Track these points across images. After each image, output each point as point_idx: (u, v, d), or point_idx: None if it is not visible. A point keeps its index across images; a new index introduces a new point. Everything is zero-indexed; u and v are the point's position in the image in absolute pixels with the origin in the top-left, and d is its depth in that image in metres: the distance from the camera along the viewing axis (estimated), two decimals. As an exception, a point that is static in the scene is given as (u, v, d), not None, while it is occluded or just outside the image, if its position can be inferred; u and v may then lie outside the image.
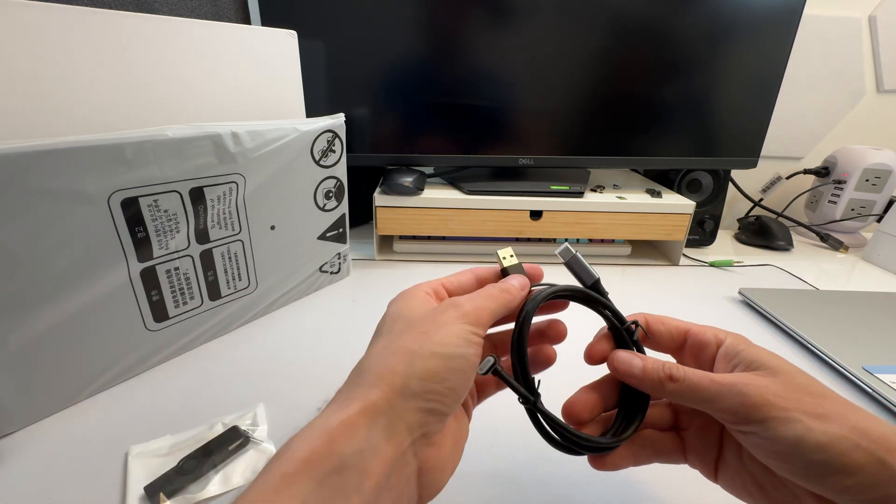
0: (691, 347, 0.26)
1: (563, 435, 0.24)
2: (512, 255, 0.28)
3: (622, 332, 0.27)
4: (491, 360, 0.23)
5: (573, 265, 0.27)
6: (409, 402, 0.20)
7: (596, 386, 0.28)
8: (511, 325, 0.26)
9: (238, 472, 0.31)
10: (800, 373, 0.22)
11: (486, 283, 0.28)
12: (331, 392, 0.28)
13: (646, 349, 0.27)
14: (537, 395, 0.24)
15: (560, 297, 0.26)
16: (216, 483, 0.31)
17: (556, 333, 0.28)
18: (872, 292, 0.60)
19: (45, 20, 0.35)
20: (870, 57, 0.85)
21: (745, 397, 0.21)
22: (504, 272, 0.27)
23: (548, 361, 0.28)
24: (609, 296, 0.27)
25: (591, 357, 0.27)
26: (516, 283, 0.26)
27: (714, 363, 0.25)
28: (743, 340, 0.25)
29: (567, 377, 0.29)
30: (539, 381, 0.25)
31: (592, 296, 0.27)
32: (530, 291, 0.26)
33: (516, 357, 0.25)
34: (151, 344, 0.42)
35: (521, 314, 0.25)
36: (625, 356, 0.25)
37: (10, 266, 0.32)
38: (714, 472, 0.26)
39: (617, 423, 0.26)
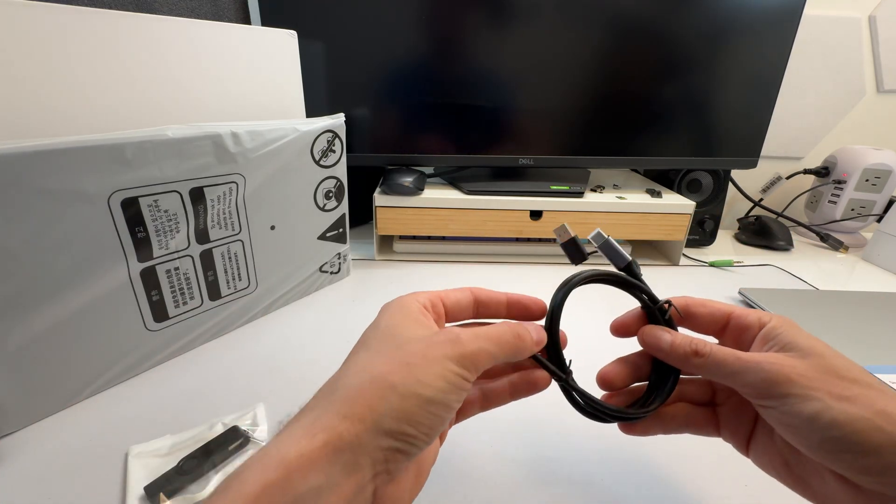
0: (733, 330, 0.27)
1: (592, 406, 0.26)
2: (567, 230, 0.30)
3: (655, 312, 0.27)
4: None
5: (605, 250, 0.28)
6: (378, 440, 0.18)
7: (630, 358, 0.28)
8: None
9: (238, 472, 0.31)
10: (836, 356, 0.22)
11: (485, 306, 0.27)
12: None
13: (688, 330, 0.28)
14: (569, 373, 0.26)
15: (594, 281, 0.27)
16: (216, 483, 0.31)
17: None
18: (872, 292, 0.60)
19: (45, 20, 0.35)
20: (870, 57, 0.85)
21: (767, 374, 0.21)
22: (567, 247, 0.29)
23: (541, 387, 0.28)
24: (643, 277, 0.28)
25: (617, 329, 0.28)
26: (535, 336, 0.25)
27: (753, 344, 0.25)
28: (787, 322, 0.25)
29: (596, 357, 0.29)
30: (570, 361, 0.27)
31: (625, 278, 0.27)
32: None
33: (549, 340, 0.26)
34: (151, 344, 0.42)
35: (554, 301, 0.26)
36: (654, 330, 0.26)
37: (10, 266, 0.32)
38: (746, 446, 0.26)
39: (645, 395, 0.27)
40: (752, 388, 0.22)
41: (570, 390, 0.26)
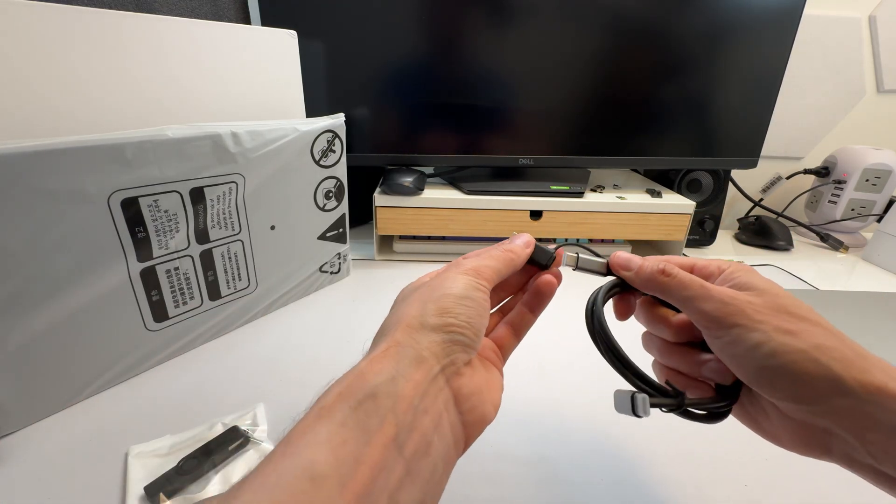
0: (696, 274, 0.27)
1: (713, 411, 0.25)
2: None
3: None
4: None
5: (584, 267, 0.28)
6: (430, 335, 0.21)
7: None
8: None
9: (238, 472, 0.31)
10: (789, 296, 0.23)
11: None
12: None
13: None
14: (681, 395, 0.24)
15: (616, 293, 0.28)
16: (216, 483, 0.31)
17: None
18: (872, 292, 0.60)
19: (45, 20, 0.35)
20: (870, 57, 0.85)
21: (723, 305, 0.23)
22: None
23: (550, 290, 0.28)
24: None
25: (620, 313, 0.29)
26: (520, 241, 0.27)
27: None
28: (744, 267, 0.26)
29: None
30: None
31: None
32: (553, 259, 0.28)
33: (628, 370, 0.24)
34: (151, 344, 0.42)
35: (594, 330, 0.26)
36: (624, 254, 0.28)
37: (10, 266, 0.32)
38: (697, 382, 0.27)
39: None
40: (706, 316, 0.23)
41: (690, 409, 0.24)
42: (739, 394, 0.25)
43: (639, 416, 0.22)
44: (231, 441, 0.33)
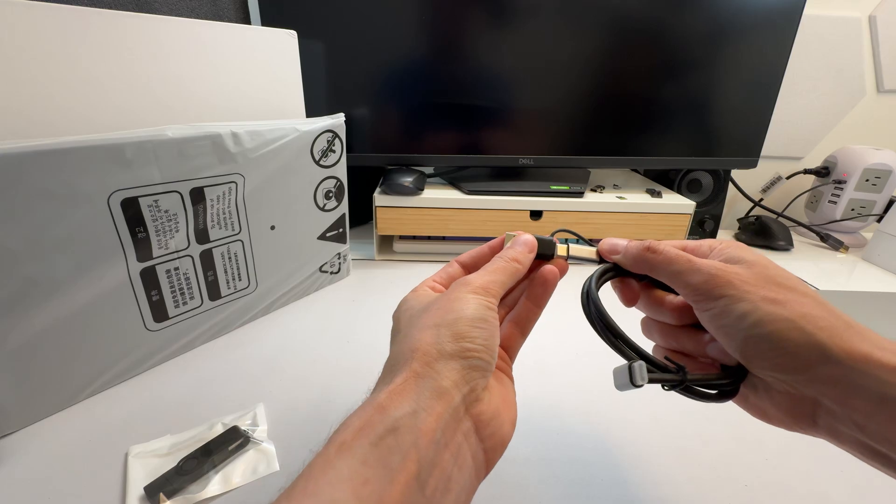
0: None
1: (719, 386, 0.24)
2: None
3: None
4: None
5: (575, 256, 0.29)
6: (449, 363, 0.20)
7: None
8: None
9: (238, 472, 0.31)
10: (775, 266, 0.23)
11: (475, 267, 0.28)
12: (331, 392, 0.28)
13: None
14: (682, 369, 0.24)
15: (609, 278, 0.28)
16: (216, 483, 0.31)
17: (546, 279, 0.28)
18: (872, 292, 0.60)
19: (45, 20, 0.35)
20: (870, 57, 0.85)
21: (711, 277, 0.23)
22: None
23: (553, 280, 0.28)
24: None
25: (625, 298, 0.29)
26: (522, 248, 0.27)
27: None
28: (734, 244, 0.25)
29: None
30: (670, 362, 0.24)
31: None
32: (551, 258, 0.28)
33: (628, 347, 0.24)
34: (151, 344, 0.42)
35: (590, 311, 0.26)
36: (612, 239, 0.28)
37: (10, 266, 0.32)
38: (687, 357, 0.27)
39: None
40: (694, 289, 0.23)
41: (693, 386, 0.24)
42: (747, 372, 0.24)
43: (638, 386, 0.22)
44: (231, 441, 0.33)
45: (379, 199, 0.65)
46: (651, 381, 0.23)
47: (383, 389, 0.20)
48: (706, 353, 0.26)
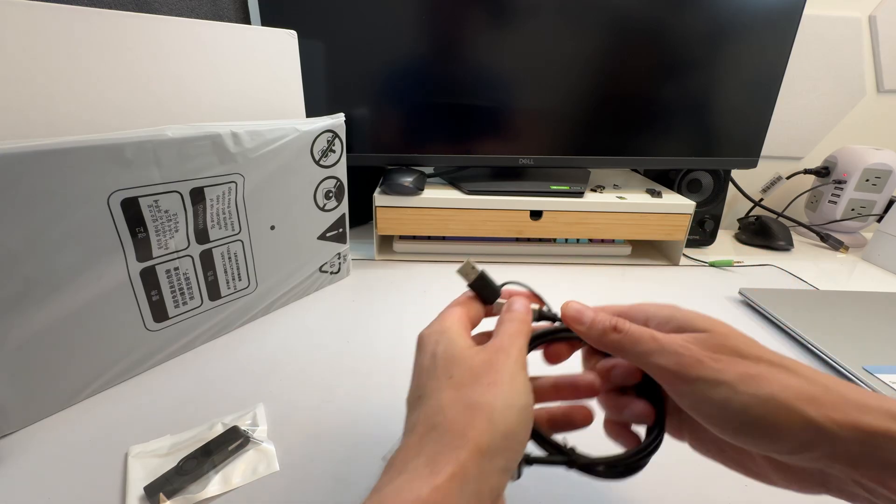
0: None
1: (606, 466, 0.24)
2: (474, 267, 0.27)
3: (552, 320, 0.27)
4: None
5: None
6: (493, 462, 0.19)
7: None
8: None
9: (238, 472, 0.31)
10: (735, 334, 0.22)
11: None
12: (331, 392, 0.27)
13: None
14: (570, 452, 0.25)
15: (544, 340, 0.27)
16: (216, 483, 0.31)
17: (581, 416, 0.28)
18: (872, 292, 0.60)
19: (45, 20, 0.35)
20: (870, 57, 0.85)
21: (679, 357, 0.22)
22: (474, 286, 0.27)
23: (584, 420, 0.27)
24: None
25: (550, 357, 0.28)
26: (522, 306, 0.26)
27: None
28: (672, 308, 0.25)
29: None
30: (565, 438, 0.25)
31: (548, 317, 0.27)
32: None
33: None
34: (151, 344, 0.42)
35: None
36: (577, 305, 0.26)
37: (10, 266, 0.32)
38: (679, 432, 0.26)
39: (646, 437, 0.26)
40: (665, 371, 0.22)
41: (582, 467, 0.24)
42: (654, 446, 0.24)
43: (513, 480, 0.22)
44: (231, 441, 0.33)
45: (379, 199, 0.65)
46: (536, 462, 0.23)
47: (427, 479, 0.18)
48: (623, 418, 0.26)
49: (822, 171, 0.86)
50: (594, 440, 0.27)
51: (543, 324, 0.28)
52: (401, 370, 0.42)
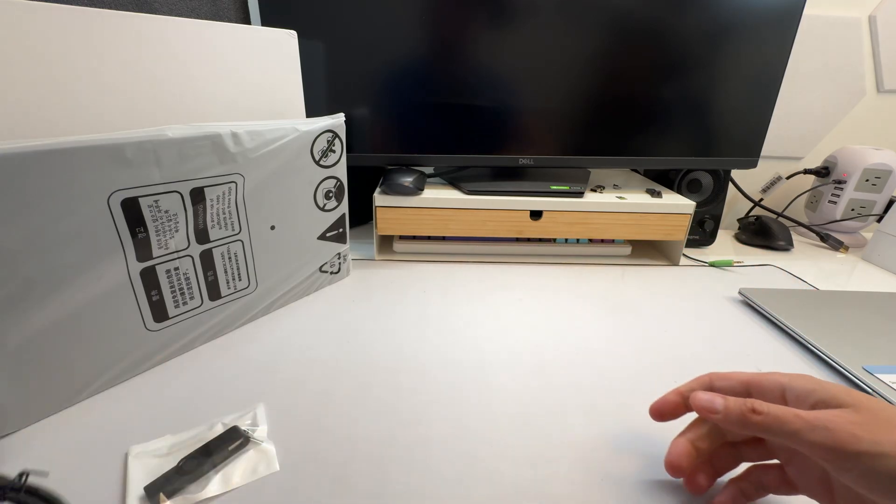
0: (757, 396, 0.27)
1: None
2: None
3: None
4: None
5: None
6: None
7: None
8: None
9: (238, 472, 0.31)
10: (883, 406, 0.23)
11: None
12: (331, 392, 0.27)
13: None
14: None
15: None
16: (216, 483, 0.31)
17: None
18: (872, 292, 0.60)
19: (45, 20, 0.35)
20: (870, 57, 0.85)
21: (831, 432, 0.22)
22: None
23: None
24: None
25: (658, 413, 0.31)
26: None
27: (787, 405, 0.25)
28: (810, 379, 0.25)
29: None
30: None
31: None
32: None
33: None
34: (151, 344, 0.42)
35: None
36: (706, 395, 0.26)
37: (10, 266, 0.32)
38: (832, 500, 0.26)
39: None
40: (820, 448, 0.22)
41: None
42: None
43: None
44: (231, 441, 0.33)
45: (379, 199, 0.65)
46: None
47: None
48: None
49: (822, 172, 0.86)
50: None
51: None
52: (401, 370, 0.42)
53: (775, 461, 0.28)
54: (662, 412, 0.31)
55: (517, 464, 0.33)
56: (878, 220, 0.80)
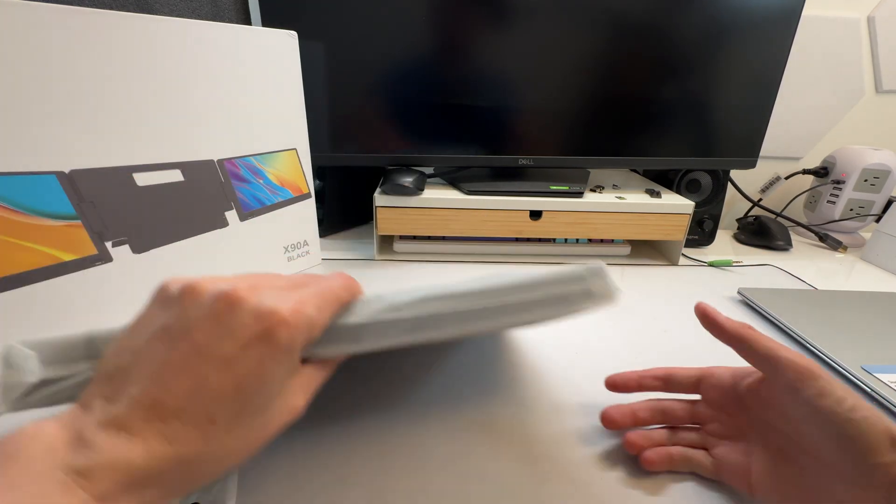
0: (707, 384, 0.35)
1: None
2: None
3: None
4: None
5: None
6: None
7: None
8: None
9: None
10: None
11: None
12: (331, 391, 0.27)
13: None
14: None
15: None
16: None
17: None
18: (871, 292, 0.61)
19: (45, 20, 0.35)
20: (869, 57, 0.85)
21: (799, 365, 0.27)
22: None
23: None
24: None
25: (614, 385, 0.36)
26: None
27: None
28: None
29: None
30: None
31: None
32: None
33: None
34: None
35: None
36: (711, 306, 0.31)
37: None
38: (748, 485, 0.29)
39: None
40: (796, 364, 0.27)
41: None
42: None
43: None
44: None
45: (379, 199, 0.65)
46: None
47: None
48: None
49: (821, 172, 0.86)
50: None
51: None
52: (400, 369, 0.42)
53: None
54: (615, 382, 0.35)
55: (514, 463, 0.33)
56: (877, 220, 0.80)
